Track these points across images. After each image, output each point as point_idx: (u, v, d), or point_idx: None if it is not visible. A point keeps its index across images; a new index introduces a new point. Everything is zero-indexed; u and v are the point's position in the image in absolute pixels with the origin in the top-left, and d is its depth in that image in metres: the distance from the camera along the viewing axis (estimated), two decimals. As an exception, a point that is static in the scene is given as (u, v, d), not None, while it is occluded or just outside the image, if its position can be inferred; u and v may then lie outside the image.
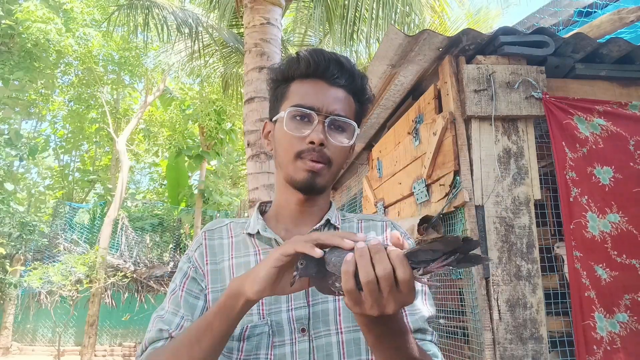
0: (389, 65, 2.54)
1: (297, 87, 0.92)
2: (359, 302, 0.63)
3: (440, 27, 7.35)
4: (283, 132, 0.90)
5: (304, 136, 0.88)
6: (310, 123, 0.89)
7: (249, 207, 3.98)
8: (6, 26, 9.65)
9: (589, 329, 2.01)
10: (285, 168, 0.92)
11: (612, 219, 2.15)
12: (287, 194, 0.95)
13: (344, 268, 0.63)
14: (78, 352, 10.38)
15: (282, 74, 0.95)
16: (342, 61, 0.92)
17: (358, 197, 4.11)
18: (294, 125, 0.89)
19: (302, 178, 0.89)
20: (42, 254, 10.94)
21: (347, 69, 0.92)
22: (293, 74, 0.93)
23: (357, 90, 0.94)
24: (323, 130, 0.88)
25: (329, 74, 0.91)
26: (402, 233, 1.01)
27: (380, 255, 0.62)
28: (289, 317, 0.86)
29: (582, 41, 2.26)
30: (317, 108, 0.89)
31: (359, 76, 0.94)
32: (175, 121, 13.14)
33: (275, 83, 0.97)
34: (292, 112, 0.89)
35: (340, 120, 0.90)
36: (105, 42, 11.55)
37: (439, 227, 2.42)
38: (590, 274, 2.07)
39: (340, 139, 0.90)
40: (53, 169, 17.50)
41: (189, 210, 12.90)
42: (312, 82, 0.91)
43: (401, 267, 0.61)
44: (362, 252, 0.63)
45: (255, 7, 4.17)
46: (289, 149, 0.90)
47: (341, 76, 0.91)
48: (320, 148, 0.88)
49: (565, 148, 2.19)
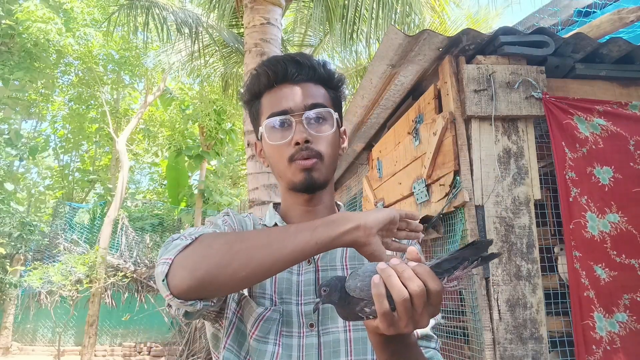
0: (389, 65, 2.54)
1: (266, 99, 0.95)
2: (394, 323, 0.63)
3: (440, 27, 7.35)
4: (269, 145, 0.93)
5: (288, 141, 0.90)
6: (290, 127, 0.91)
7: (249, 207, 3.98)
8: (6, 26, 9.65)
9: (588, 328, 2.01)
10: (284, 176, 0.94)
11: (611, 219, 2.15)
12: (293, 198, 0.97)
13: (375, 291, 0.62)
14: (78, 352, 10.37)
15: (250, 92, 0.97)
16: (298, 59, 0.93)
17: (358, 197, 4.11)
18: (276, 135, 0.91)
19: (300, 179, 0.91)
20: (42, 254, 10.94)
21: (304, 64, 0.93)
22: (259, 89, 0.95)
23: (324, 78, 0.96)
24: (303, 128, 0.90)
25: (290, 75, 0.92)
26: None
27: (408, 273, 0.62)
28: (298, 310, 0.87)
29: (582, 41, 2.26)
30: (290, 109, 0.91)
31: (320, 65, 0.96)
32: (175, 121, 13.14)
33: (248, 104, 1.00)
34: (269, 123, 0.92)
35: (315, 112, 0.91)
36: (105, 42, 11.54)
37: (439, 227, 2.42)
38: (590, 273, 2.07)
39: (323, 129, 0.92)
40: (53, 169, 17.50)
41: (189, 210, 12.90)
42: (278, 89, 0.93)
43: (431, 281, 0.62)
44: (390, 272, 0.62)
45: (255, 7, 4.17)
46: (280, 158, 0.92)
47: (301, 72, 0.93)
48: (307, 145, 0.89)
49: (565, 148, 2.19)
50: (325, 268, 0.92)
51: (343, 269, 0.93)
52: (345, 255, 0.95)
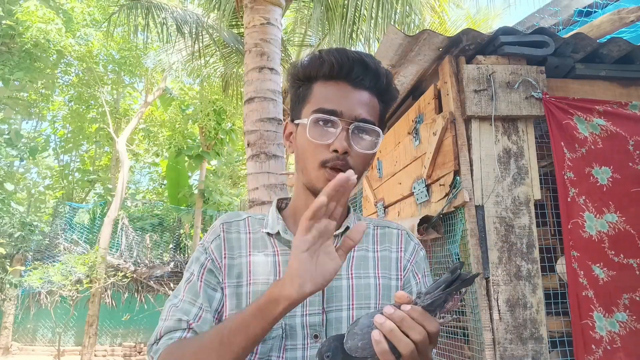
0: (389, 65, 2.53)
1: (319, 89, 0.89)
2: None
3: (440, 28, 7.35)
4: (306, 138, 0.87)
5: (327, 144, 0.85)
6: (334, 129, 0.86)
7: (249, 207, 3.98)
8: (7, 26, 9.65)
9: (588, 328, 2.01)
10: (307, 175, 0.89)
11: (609, 218, 2.14)
12: (306, 198, 0.93)
13: (379, 349, 0.63)
14: (78, 352, 10.38)
15: (305, 73, 0.91)
16: (367, 61, 0.88)
17: (358, 197, 4.11)
18: (317, 132, 0.86)
19: (322, 187, 0.88)
20: (42, 254, 10.94)
21: (371, 69, 0.88)
22: (316, 74, 0.89)
23: (382, 90, 0.91)
24: (347, 137, 0.85)
25: (353, 76, 0.87)
26: (415, 244, 1.01)
27: (407, 323, 0.63)
28: (302, 322, 0.86)
29: (582, 41, 2.26)
30: (341, 113, 0.85)
31: (384, 75, 0.90)
32: (175, 121, 13.14)
33: (297, 82, 0.93)
34: (315, 118, 0.86)
35: (364, 126, 0.87)
36: (105, 42, 11.54)
37: (439, 227, 2.42)
38: (588, 273, 2.07)
39: (364, 146, 0.88)
40: (53, 169, 17.49)
41: (189, 210, 12.90)
42: (335, 84, 0.88)
43: (429, 324, 0.63)
44: (389, 325, 0.63)
45: (255, 7, 4.17)
46: (312, 157, 0.87)
47: (365, 77, 0.88)
48: (344, 156, 0.85)
49: (564, 148, 2.19)
50: None
51: (348, 278, 0.90)
52: (352, 264, 0.92)
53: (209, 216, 13.18)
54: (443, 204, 2.27)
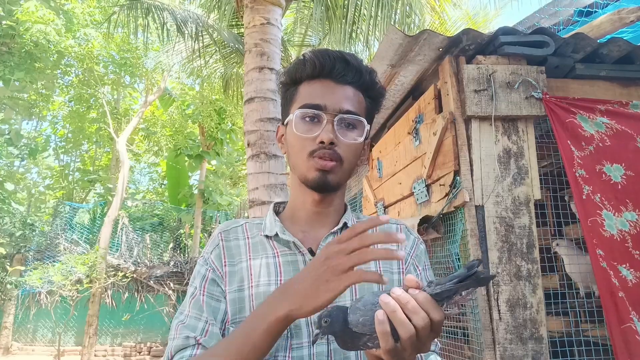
0: (389, 65, 2.53)
1: (305, 88, 0.93)
2: (397, 354, 0.63)
3: (440, 28, 7.35)
4: (294, 134, 0.91)
5: (314, 136, 0.89)
6: (320, 123, 0.89)
7: (249, 207, 3.98)
8: (7, 27, 9.65)
9: (632, 332, 1.86)
10: (298, 169, 0.93)
11: (629, 217, 2.06)
12: (303, 194, 0.96)
13: (380, 329, 0.62)
14: (78, 352, 10.38)
15: (290, 76, 0.96)
16: (348, 58, 0.92)
17: (358, 197, 4.11)
18: (303, 126, 0.90)
19: (314, 176, 0.90)
20: (43, 254, 10.94)
21: (353, 66, 0.92)
22: (300, 76, 0.94)
23: (366, 85, 0.94)
24: (332, 129, 0.89)
25: (336, 73, 0.91)
26: (415, 238, 1.02)
27: (412, 305, 0.62)
28: (307, 320, 0.86)
29: (582, 41, 2.26)
30: (325, 107, 0.89)
31: (367, 71, 0.94)
32: (175, 121, 13.14)
33: (285, 86, 0.98)
34: (300, 114, 0.90)
35: (349, 117, 0.90)
36: (105, 42, 11.54)
37: (439, 227, 2.42)
38: (616, 274, 1.97)
39: (351, 137, 0.91)
40: (53, 169, 17.50)
41: (189, 210, 12.90)
42: (319, 82, 0.92)
43: (434, 311, 0.62)
44: (394, 306, 0.62)
45: (255, 7, 4.18)
46: (300, 150, 0.91)
47: (348, 73, 0.91)
48: (331, 147, 0.88)
49: (572, 146, 2.14)
50: None
51: None
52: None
53: (209, 216, 13.19)
54: (443, 204, 2.27)
